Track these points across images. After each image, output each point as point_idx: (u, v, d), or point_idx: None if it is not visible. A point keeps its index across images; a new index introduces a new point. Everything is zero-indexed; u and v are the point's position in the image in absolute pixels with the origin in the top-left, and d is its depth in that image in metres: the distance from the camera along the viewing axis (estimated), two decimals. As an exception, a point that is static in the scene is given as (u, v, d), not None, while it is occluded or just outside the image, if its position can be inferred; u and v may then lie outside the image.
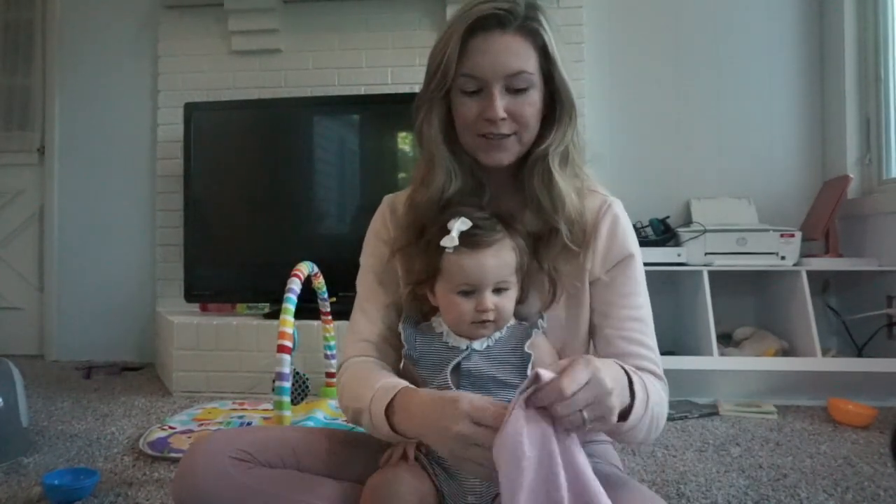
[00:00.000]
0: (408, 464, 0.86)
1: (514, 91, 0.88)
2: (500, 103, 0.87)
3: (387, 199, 1.06)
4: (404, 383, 0.86)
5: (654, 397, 0.84)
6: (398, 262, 0.98)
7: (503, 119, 0.88)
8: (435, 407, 0.78)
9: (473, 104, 0.89)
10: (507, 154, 0.91)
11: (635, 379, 0.80)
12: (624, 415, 0.77)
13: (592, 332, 0.97)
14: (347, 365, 0.96)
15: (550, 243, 0.92)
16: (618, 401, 0.73)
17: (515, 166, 0.95)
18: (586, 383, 0.69)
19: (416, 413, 0.80)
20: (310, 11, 2.85)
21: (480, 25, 0.87)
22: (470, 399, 0.76)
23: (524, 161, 0.94)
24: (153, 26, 2.98)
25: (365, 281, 1.02)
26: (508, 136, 0.90)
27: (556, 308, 0.94)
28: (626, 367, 0.81)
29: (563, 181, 0.91)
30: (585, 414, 0.69)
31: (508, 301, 0.88)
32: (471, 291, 0.87)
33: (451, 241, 0.86)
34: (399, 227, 0.99)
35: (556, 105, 0.93)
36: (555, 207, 0.91)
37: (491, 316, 0.86)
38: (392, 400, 0.83)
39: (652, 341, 0.94)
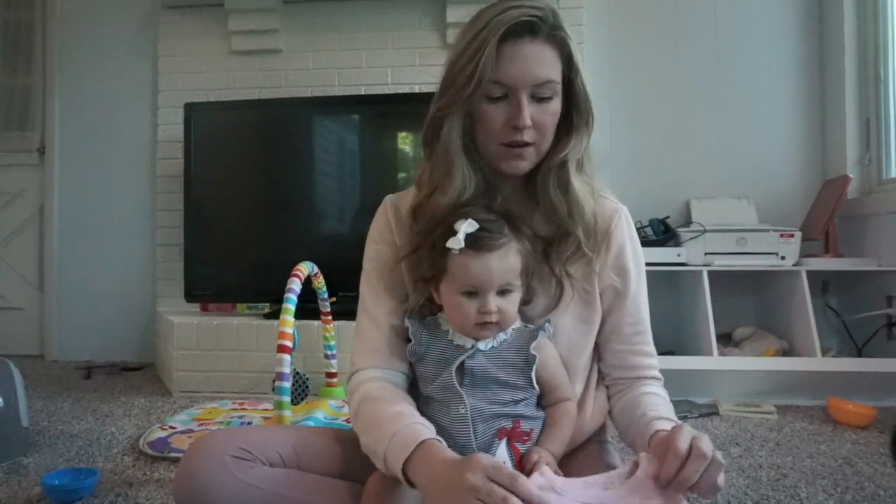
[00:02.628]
0: None
1: (539, 99, 0.88)
2: (527, 110, 0.87)
3: (388, 199, 1.04)
4: (422, 434, 0.81)
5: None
6: (405, 268, 0.98)
7: (528, 127, 0.88)
8: (454, 465, 0.74)
9: (499, 111, 0.88)
10: (526, 164, 0.91)
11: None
12: None
13: (597, 342, 0.99)
14: (358, 382, 0.93)
15: (562, 247, 0.92)
16: None
17: (528, 173, 0.95)
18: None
19: (435, 476, 0.75)
20: (310, 11, 2.85)
21: (513, 32, 0.86)
22: (489, 457, 0.73)
23: (538, 168, 0.93)
24: (153, 26, 2.98)
25: (369, 285, 1.01)
26: (529, 145, 0.90)
27: (564, 314, 0.94)
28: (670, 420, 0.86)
29: (580, 187, 0.92)
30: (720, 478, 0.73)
31: (512, 304, 0.88)
32: (475, 293, 0.87)
33: (457, 242, 0.85)
34: (405, 233, 0.98)
35: (572, 113, 0.92)
36: (571, 213, 0.91)
37: (494, 318, 0.86)
38: (411, 454, 0.78)
39: (653, 347, 1.00)
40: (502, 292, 0.87)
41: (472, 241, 0.86)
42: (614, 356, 0.98)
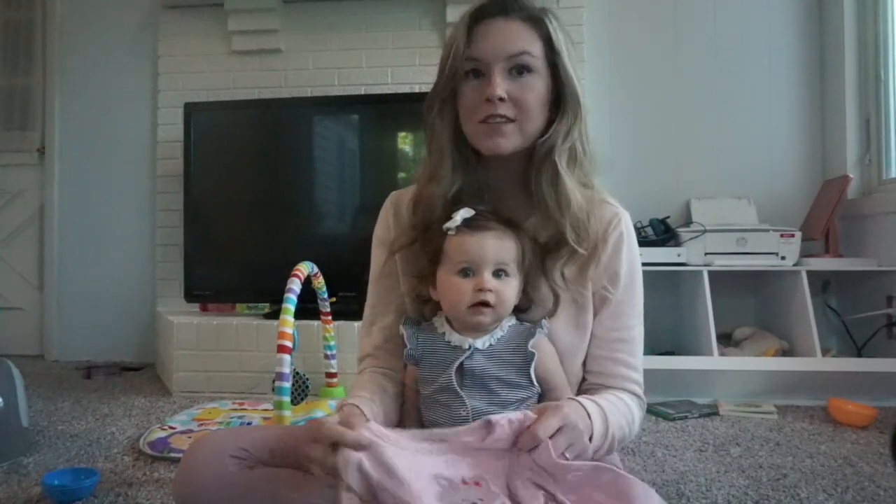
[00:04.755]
0: None
1: (517, 75, 0.89)
2: (500, 83, 0.88)
3: (392, 196, 1.06)
4: (357, 400, 0.88)
5: (617, 423, 0.86)
6: (399, 262, 0.98)
7: (502, 99, 0.88)
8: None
9: (475, 88, 0.90)
10: (507, 141, 0.90)
11: (594, 413, 0.83)
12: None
13: None
14: (355, 381, 1.00)
15: (559, 253, 0.92)
16: (586, 436, 0.79)
17: (523, 168, 0.94)
18: (559, 429, 0.75)
19: None
20: (310, 11, 2.85)
21: (484, 13, 0.90)
22: (323, 422, 0.78)
23: (531, 161, 0.93)
24: (153, 26, 2.98)
25: (375, 289, 1.03)
26: (510, 121, 0.89)
27: (558, 318, 0.94)
28: (586, 401, 0.85)
29: (569, 180, 0.91)
30: (567, 454, 0.76)
31: (508, 289, 0.88)
32: (470, 272, 0.87)
33: (453, 222, 0.88)
34: (402, 227, 0.99)
35: (561, 101, 0.93)
36: (560, 207, 0.90)
37: (490, 298, 0.86)
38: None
39: (637, 360, 0.96)
40: (498, 274, 0.87)
41: (469, 222, 0.88)
42: (592, 361, 0.96)
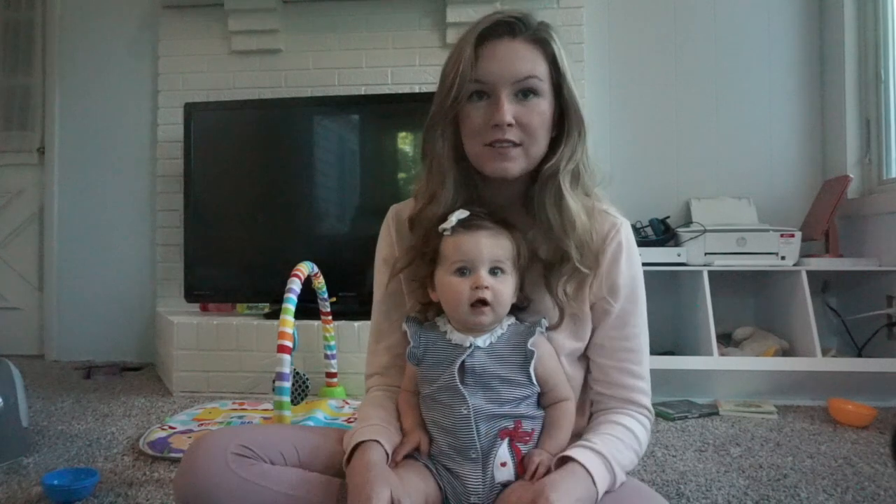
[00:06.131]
0: (413, 464, 0.87)
1: (523, 98, 0.88)
2: (508, 108, 0.86)
3: (392, 210, 1.06)
4: (359, 436, 0.87)
5: (622, 463, 0.85)
6: (404, 282, 0.99)
7: (510, 125, 0.87)
8: (355, 489, 0.80)
9: (481, 111, 0.88)
10: (513, 165, 0.89)
11: (597, 472, 0.81)
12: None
13: (585, 354, 0.98)
14: (366, 400, 1.01)
15: (561, 270, 0.91)
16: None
17: (525, 186, 0.94)
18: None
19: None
20: (310, 11, 2.85)
21: (490, 33, 0.88)
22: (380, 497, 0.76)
23: (533, 182, 0.93)
24: (153, 26, 2.98)
25: (380, 307, 1.04)
26: (516, 145, 0.88)
27: (559, 328, 0.94)
28: (589, 457, 0.82)
29: (573, 202, 0.90)
30: None
31: (505, 286, 0.88)
32: (467, 270, 0.88)
33: (448, 223, 0.89)
34: (405, 242, 0.99)
35: (565, 122, 0.92)
36: (565, 229, 0.90)
37: (488, 295, 0.86)
38: (351, 457, 0.86)
39: (643, 369, 0.96)
40: (494, 272, 0.88)
41: (464, 222, 0.89)
42: (599, 371, 0.96)
